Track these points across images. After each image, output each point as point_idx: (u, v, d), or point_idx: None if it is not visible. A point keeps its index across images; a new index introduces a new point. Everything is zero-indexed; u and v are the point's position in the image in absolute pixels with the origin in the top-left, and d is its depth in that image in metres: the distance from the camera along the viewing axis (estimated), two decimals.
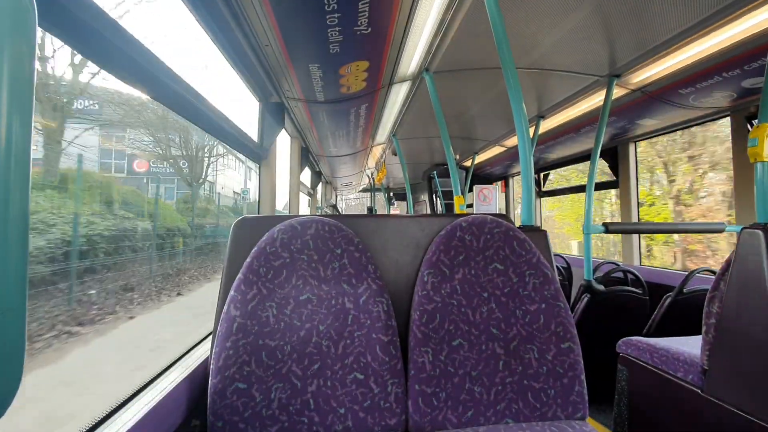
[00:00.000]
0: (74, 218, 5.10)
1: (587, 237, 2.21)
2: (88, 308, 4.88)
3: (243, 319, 0.93)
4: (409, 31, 1.62)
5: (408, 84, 2.35)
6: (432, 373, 0.97)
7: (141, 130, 13.11)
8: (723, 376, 1.28)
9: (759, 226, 1.23)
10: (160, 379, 0.92)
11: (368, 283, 1.01)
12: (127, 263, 6.23)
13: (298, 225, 1.01)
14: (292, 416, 0.92)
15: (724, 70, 1.84)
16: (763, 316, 1.16)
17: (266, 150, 2.02)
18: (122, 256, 6.16)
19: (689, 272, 2.10)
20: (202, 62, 27.35)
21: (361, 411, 0.95)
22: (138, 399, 0.83)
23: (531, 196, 1.37)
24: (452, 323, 1.02)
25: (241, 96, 31.24)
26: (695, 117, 2.46)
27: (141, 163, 15.14)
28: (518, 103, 1.39)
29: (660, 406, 1.53)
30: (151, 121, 12.70)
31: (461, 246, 1.06)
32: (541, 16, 1.58)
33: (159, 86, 0.88)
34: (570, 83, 2.28)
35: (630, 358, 1.70)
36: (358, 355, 0.97)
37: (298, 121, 2.75)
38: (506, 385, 1.00)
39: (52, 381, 3.39)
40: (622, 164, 3.10)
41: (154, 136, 13.31)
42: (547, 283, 1.05)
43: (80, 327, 4.46)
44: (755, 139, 1.34)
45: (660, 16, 1.54)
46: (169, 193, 15.01)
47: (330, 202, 8.00)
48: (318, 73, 1.81)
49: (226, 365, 0.90)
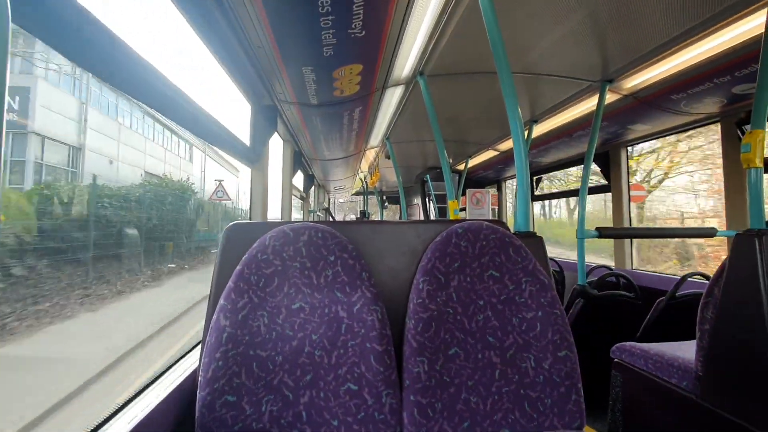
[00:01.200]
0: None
1: (581, 242, 2.21)
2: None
3: (233, 329, 0.90)
4: (404, 34, 1.61)
5: (402, 87, 2.34)
6: (427, 383, 0.95)
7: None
8: (717, 383, 1.28)
9: (752, 231, 1.23)
10: (147, 392, 0.89)
11: (362, 291, 0.98)
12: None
13: (291, 231, 0.99)
14: (283, 429, 0.89)
15: (715, 77, 1.86)
16: (758, 322, 1.15)
17: (258, 154, 1.99)
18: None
19: (682, 277, 2.12)
20: (192, 63, 26.79)
21: (354, 423, 0.92)
22: (124, 413, 0.79)
23: (527, 202, 1.36)
24: (448, 332, 1.00)
25: (233, 98, 30.53)
26: (686, 122, 2.49)
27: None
28: (513, 107, 1.39)
29: (655, 412, 1.53)
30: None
31: (457, 253, 1.04)
32: (535, 20, 1.58)
33: (145, 88, 0.85)
34: (563, 88, 2.29)
35: (624, 363, 1.70)
36: (352, 366, 0.94)
37: (291, 124, 2.73)
38: (503, 395, 0.98)
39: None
40: (614, 169, 3.12)
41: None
42: (544, 291, 1.03)
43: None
44: (748, 144, 1.35)
45: (653, 22, 1.55)
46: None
47: (323, 205, 7.96)
48: (311, 76, 1.79)
49: (215, 377, 0.87)
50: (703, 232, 2.04)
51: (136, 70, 0.78)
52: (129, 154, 13.50)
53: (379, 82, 2.08)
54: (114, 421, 0.76)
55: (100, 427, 0.75)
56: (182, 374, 0.99)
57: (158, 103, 0.93)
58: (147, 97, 0.87)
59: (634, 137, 2.89)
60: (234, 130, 1.57)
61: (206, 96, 19.11)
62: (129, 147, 13.53)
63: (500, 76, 1.41)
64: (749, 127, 1.39)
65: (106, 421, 0.77)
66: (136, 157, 14.00)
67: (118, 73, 0.74)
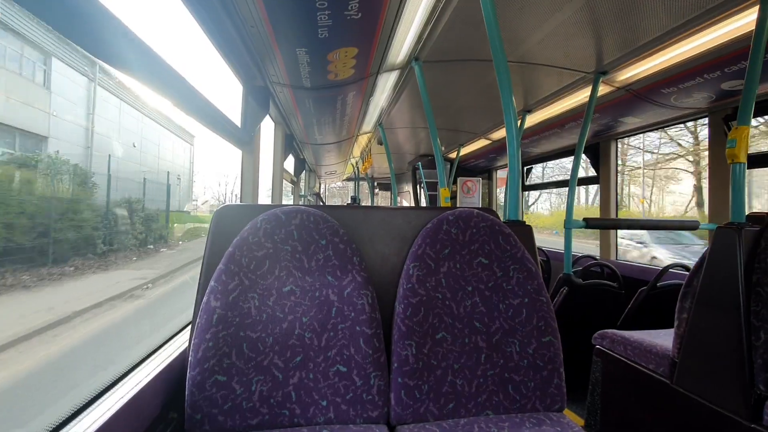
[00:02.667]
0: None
1: (568, 231, 2.25)
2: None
3: (223, 311, 0.90)
4: (400, 17, 1.58)
5: (396, 73, 2.32)
6: (415, 366, 0.98)
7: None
8: (692, 368, 1.33)
9: (733, 225, 1.27)
10: (136, 371, 0.89)
11: (353, 275, 0.99)
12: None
13: (283, 215, 0.99)
14: (273, 409, 0.91)
15: (705, 72, 1.89)
16: (734, 311, 1.20)
17: (250, 136, 1.96)
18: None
19: (663, 267, 2.18)
20: (183, 39, 25.68)
21: (343, 403, 0.94)
22: (113, 392, 0.80)
23: (517, 191, 1.38)
24: (436, 316, 1.02)
25: (223, 78, 29.32)
26: (675, 117, 2.52)
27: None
28: (508, 95, 1.39)
29: (631, 396, 1.59)
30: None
31: (447, 239, 1.06)
32: (532, 9, 1.57)
33: (135, 62, 0.83)
34: (557, 79, 2.29)
35: (605, 350, 1.76)
36: (342, 348, 0.96)
37: (283, 107, 2.69)
38: (487, 378, 1.02)
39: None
40: (604, 161, 3.16)
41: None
42: (531, 278, 1.06)
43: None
44: (734, 140, 1.38)
45: (648, 15, 1.56)
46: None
47: (313, 190, 7.91)
48: (305, 58, 1.76)
49: (206, 357, 0.88)
50: (687, 224, 2.09)
51: (124, 41, 0.76)
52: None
53: (374, 67, 2.06)
54: (104, 399, 0.77)
55: (90, 404, 0.75)
56: (171, 355, 0.99)
57: (151, 78, 0.90)
58: (139, 73, 0.85)
59: (624, 130, 2.92)
60: (224, 111, 1.54)
61: (196, 73, 16.20)
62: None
63: (496, 64, 1.40)
64: (736, 123, 1.42)
65: (95, 398, 0.77)
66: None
67: (106, 44, 0.72)
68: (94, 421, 0.68)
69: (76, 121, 6.92)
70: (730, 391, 1.19)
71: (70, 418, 0.71)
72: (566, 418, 0.99)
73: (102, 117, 7.60)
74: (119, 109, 8.59)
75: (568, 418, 0.99)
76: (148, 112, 10.54)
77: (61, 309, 3.80)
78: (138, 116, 9.87)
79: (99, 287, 4.90)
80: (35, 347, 3.16)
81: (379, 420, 0.96)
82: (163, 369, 0.91)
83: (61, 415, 0.71)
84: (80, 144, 7.00)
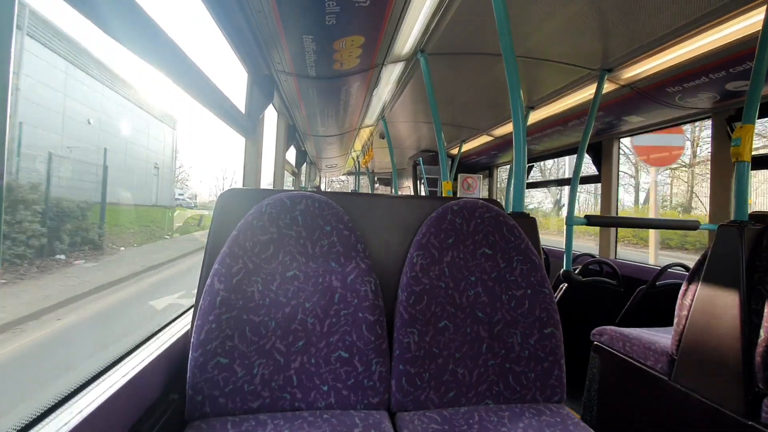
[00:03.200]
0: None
1: (569, 228, 2.26)
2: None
3: (227, 293, 0.90)
4: (408, 7, 1.57)
5: (402, 65, 2.31)
6: (417, 353, 0.98)
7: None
8: (690, 365, 1.34)
9: (736, 223, 1.28)
10: (138, 352, 0.89)
11: (356, 262, 0.99)
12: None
13: (288, 200, 0.99)
14: (274, 392, 0.91)
15: (711, 72, 1.88)
16: (733, 309, 1.21)
17: (253, 124, 1.95)
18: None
19: (662, 267, 2.19)
20: (188, 21, 25.26)
21: (344, 389, 0.94)
22: (114, 371, 0.80)
23: (522, 184, 1.38)
24: (439, 305, 1.02)
25: (228, 65, 29.05)
26: (679, 116, 2.52)
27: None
28: (516, 90, 1.38)
29: (628, 392, 1.60)
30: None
31: (451, 229, 1.06)
32: (539, 4, 1.56)
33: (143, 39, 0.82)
34: (562, 75, 2.29)
35: (603, 346, 1.77)
36: (344, 334, 0.96)
37: (287, 96, 2.67)
38: (488, 368, 1.02)
39: None
40: (605, 160, 3.16)
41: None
42: (534, 270, 1.06)
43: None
44: (738, 139, 1.38)
45: (655, 12, 1.55)
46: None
47: (314, 183, 7.89)
48: (312, 46, 1.74)
49: (208, 339, 0.88)
50: (687, 224, 2.09)
51: (136, 20, 0.75)
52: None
53: (380, 57, 2.04)
54: (104, 378, 0.77)
55: (90, 383, 0.75)
56: (173, 336, 0.99)
57: (161, 60, 0.89)
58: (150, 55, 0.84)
59: (627, 129, 2.91)
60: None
61: (203, 60, 15.87)
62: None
63: (505, 58, 1.40)
64: (740, 124, 1.42)
65: (96, 377, 0.77)
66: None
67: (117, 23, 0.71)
68: (93, 400, 0.68)
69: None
70: (729, 388, 1.20)
71: (68, 396, 0.71)
72: (565, 409, 0.99)
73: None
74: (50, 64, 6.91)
75: (568, 409, 1.00)
76: (104, 79, 8.76)
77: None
78: (82, 77, 7.99)
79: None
80: None
81: (380, 406, 0.96)
82: (164, 350, 0.91)
83: (60, 392, 0.71)
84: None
